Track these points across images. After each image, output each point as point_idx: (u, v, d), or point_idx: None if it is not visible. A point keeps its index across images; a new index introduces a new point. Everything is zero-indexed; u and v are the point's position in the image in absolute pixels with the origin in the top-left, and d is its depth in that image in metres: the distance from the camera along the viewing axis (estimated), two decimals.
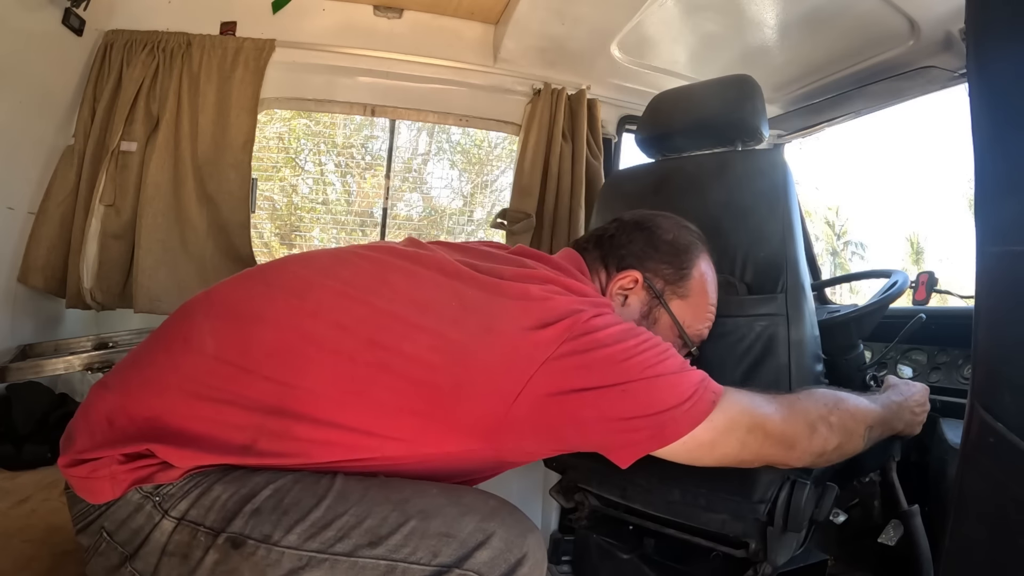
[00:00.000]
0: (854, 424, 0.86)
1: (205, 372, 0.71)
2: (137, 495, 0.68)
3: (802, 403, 0.84)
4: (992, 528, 0.42)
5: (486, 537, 0.67)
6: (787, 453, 0.81)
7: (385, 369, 0.69)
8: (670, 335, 0.93)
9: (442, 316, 0.72)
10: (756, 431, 0.77)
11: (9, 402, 1.37)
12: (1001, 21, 0.40)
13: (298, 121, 6.11)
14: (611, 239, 0.96)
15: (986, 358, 0.43)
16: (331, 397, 0.69)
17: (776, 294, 1.03)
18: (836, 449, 0.83)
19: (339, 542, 0.65)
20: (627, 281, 0.92)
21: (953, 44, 1.37)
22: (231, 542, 0.65)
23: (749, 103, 1.17)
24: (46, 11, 1.47)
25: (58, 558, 0.94)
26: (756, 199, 1.10)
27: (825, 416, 0.83)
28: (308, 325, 0.72)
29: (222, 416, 0.69)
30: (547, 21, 1.65)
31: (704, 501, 1.03)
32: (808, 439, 0.80)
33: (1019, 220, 0.39)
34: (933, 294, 1.55)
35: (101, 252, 1.60)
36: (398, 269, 0.78)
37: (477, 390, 0.69)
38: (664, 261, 0.94)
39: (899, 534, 1.31)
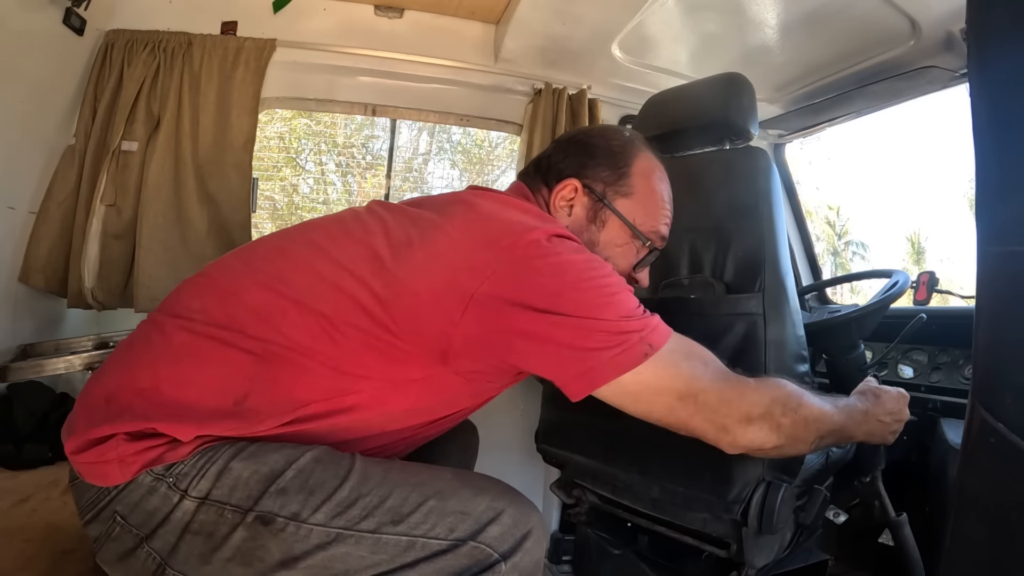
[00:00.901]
0: (804, 431, 0.83)
1: (194, 341, 0.75)
2: (149, 477, 0.70)
3: (756, 393, 0.80)
4: (993, 528, 0.42)
5: (497, 514, 0.73)
6: (717, 435, 0.79)
7: (352, 311, 0.75)
8: (624, 235, 0.94)
9: (395, 255, 0.77)
10: (688, 400, 0.76)
11: (10, 402, 1.37)
12: (1002, 21, 0.40)
13: (299, 121, 6.11)
14: (548, 159, 0.98)
15: (987, 358, 0.43)
16: (310, 346, 0.74)
17: (754, 293, 1.03)
18: (775, 449, 0.81)
19: (364, 520, 0.70)
20: (567, 191, 0.93)
21: (954, 44, 1.37)
22: (260, 519, 0.69)
23: (736, 101, 1.16)
24: (47, 11, 1.47)
25: (59, 557, 0.94)
26: (737, 197, 1.10)
27: (774, 414, 0.80)
28: (283, 287, 0.77)
29: (213, 377, 0.73)
30: (548, 21, 1.65)
31: (682, 500, 1.04)
32: (743, 429, 0.78)
33: (1020, 220, 0.39)
34: (934, 294, 1.55)
35: (102, 252, 1.60)
36: (356, 223, 0.84)
37: (427, 312, 0.74)
38: (601, 164, 0.94)
39: None
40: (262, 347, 0.74)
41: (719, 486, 0.98)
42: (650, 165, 0.97)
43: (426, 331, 0.75)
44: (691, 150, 1.25)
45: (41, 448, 1.31)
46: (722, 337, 1.02)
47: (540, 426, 1.33)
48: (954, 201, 18.61)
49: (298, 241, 0.85)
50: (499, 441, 1.92)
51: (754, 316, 1.02)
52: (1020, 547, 0.39)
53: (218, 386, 0.73)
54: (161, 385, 0.72)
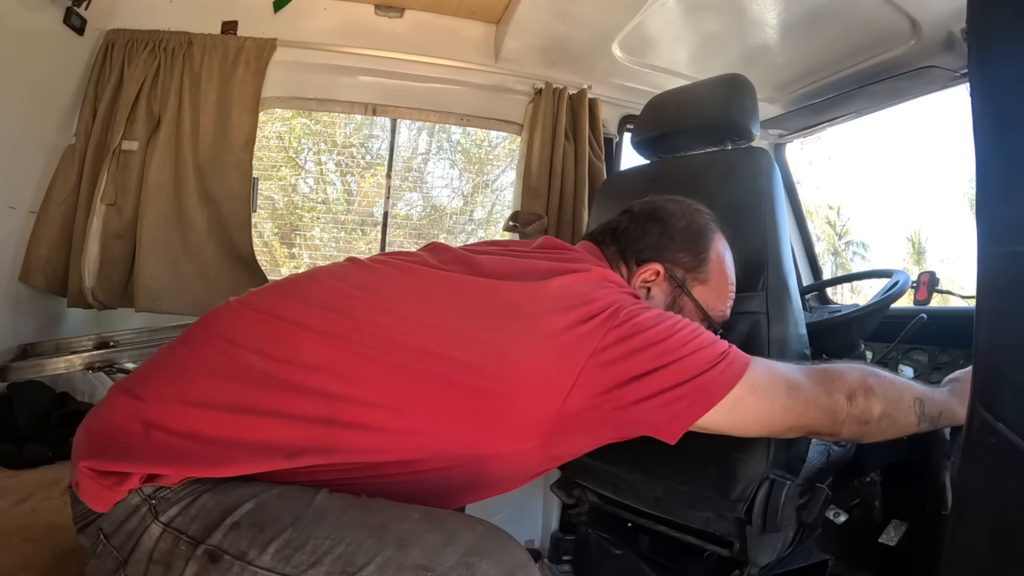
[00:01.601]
0: (898, 394, 0.83)
1: (250, 385, 0.70)
2: (137, 497, 0.67)
3: (837, 371, 0.82)
4: (993, 529, 0.42)
5: (469, 572, 0.60)
6: (832, 419, 0.79)
7: (438, 377, 0.70)
8: (695, 319, 0.93)
9: (487, 321, 0.73)
10: (795, 394, 0.77)
11: (10, 401, 1.37)
12: (1003, 21, 0.40)
13: (298, 120, 6.10)
14: (625, 232, 0.97)
15: (987, 358, 0.43)
16: (384, 405, 0.69)
17: (757, 292, 1.04)
18: (884, 417, 0.81)
19: (312, 567, 0.61)
20: (649, 274, 0.93)
21: (954, 44, 1.37)
22: (209, 555, 0.63)
23: (738, 102, 1.16)
24: (47, 10, 1.47)
25: (59, 557, 0.94)
26: (739, 197, 1.10)
27: (861, 380, 0.81)
28: (354, 338, 0.72)
29: (268, 430, 0.68)
30: (548, 21, 1.64)
31: (686, 498, 1.03)
32: (851, 404, 0.78)
33: (1021, 220, 0.39)
34: (934, 294, 1.55)
35: (102, 251, 1.60)
36: (432, 278, 0.80)
37: (529, 393, 0.70)
38: (681, 249, 0.94)
39: (900, 534, 1.31)
40: (327, 405, 0.68)
41: (723, 484, 0.98)
42: (723, 248, 0.98)
43: (532, 408, 0.71)
44: (692, 150, 1.25)
45: (41, 448, 1.31)
46: (728, 335, 1.00)
47: None
48: (954, 201, 18.62)
49: (377, 293, 0.78)
50: None
51: (757, 315, 1.03)
52: (1020, 547, 0.39)
53: (275, 441, 0.68)
54: (208, 429, 0.67)
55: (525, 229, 1.83)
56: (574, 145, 1.87)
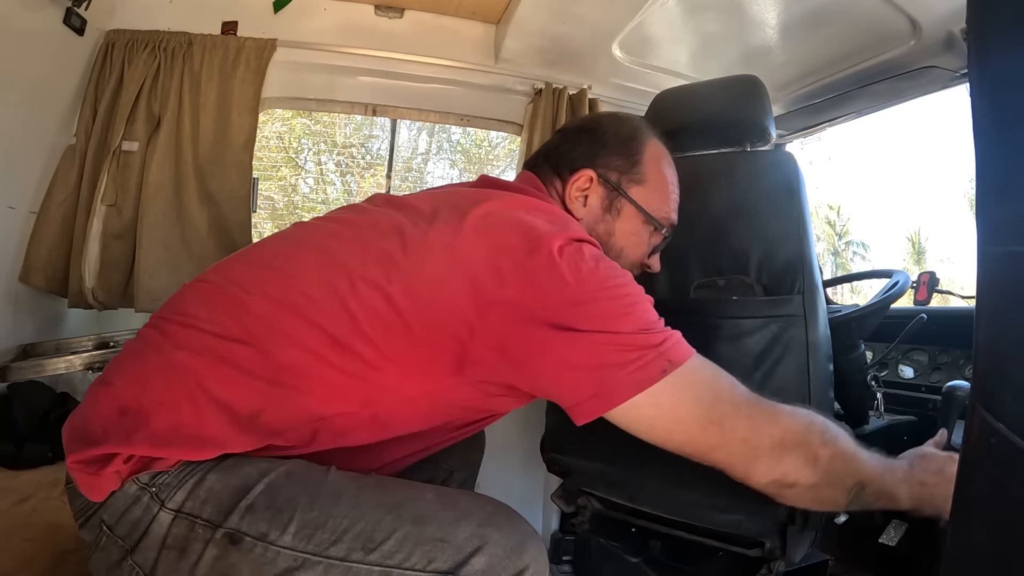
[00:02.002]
0: (843, 470, 0.73)
1: (205, 354, 0.72)
2: (134, 486, 0.68)
3: (791, 418, 0.73)
4: (993, 530, 0.42)
5: (482, 543, 0.64)
6: (746, 467, 0.71)
7: (367, 319, 0.71)
8: (637, 223, 0.93)
9: (411, 258, 0.73)
10: (711, 428, 0.70)
11: (10, 401, 1.37)
12: (1003, 21, 0.40)
13: (298, 120, 6.11)
14: (558, 149, 0.95)
15: (987, 358, 0.43)
16: (324, 357, 0.71)
17: (793, 295, 1.04)
18: (810, 489, 0.72)
19: (333, 545, 0.64)
20: (582, 181, 0.91)
21: (954, 44, 1.37)
22: (229, 538, 0.65)
23: (758, 103, 1.17)
24: (47, 11, 1.47)
25: (59, 557, 0.94)
26: (769, 200, 1.10)
27: (812, 443, 0.72)
28: (294, 297, 0.73)
29: (227, 393, 0.69)
30: (548, 21, 1.65)
31: (723, 502, 1.02)
32: (776, 460, 0.70)
33: (1021, 220, 0.39)
34: (934, 294, 1.55)
35: (102, 252, 1.60)
36: (366, 223, 0.80)
37: (446, 318, 0.70)
38: (614, 153, 0.92)
39: (900, 534, 1.31)
40: (273, 361, 0.70)
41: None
42: (659, 151, 0.96)
43: (444, 338, 0.70)
44: (707, 149, 1.23)
45: (41, 448, 1.30)
46: (764, 339, 1.02)
47: (547, 434, 1.26)
48: (954, 201, 18.62)
49: (306, 245, 0.80)
50: (501, 442, 1.92)
51: (795, 318, 1.03)
52: (1021, 548, 0.39)
53: (232, 402, 0.70)
54: (178, 402, 0.69)
55: None
56: None
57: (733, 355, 1.02)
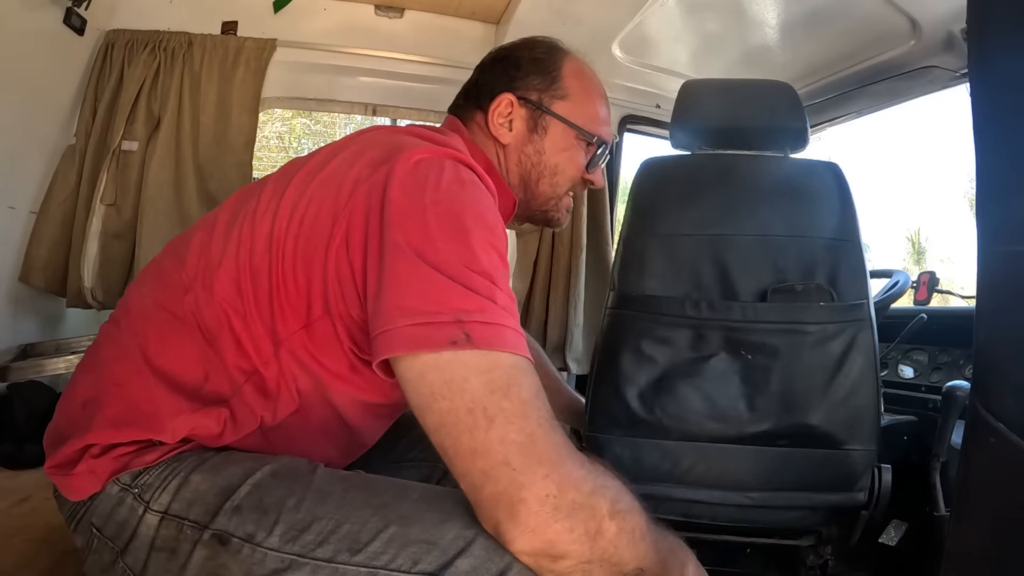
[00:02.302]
0: (629, 551, 0.60)
1: (148, 327, 0.73)
2: (116, 487, 0.69)
3: (584, 469, 0.59)
4: (993, 529, 0.42)
5: (467, 544, 0.61)
6: (507, 510, 0.56)
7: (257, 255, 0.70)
8: (569, 137, 0.91)
9: (294, 188, 0.72)
10: (478, 415, 0.57)
11: (10, 401, 1.37)
12: (1003, 21, 0.40)
13: (298, 120, 6.12)
14: (476, 84, 0.94)
15: (987, 358, 0.43)
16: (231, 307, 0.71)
17: (863, 300, 1.09)
18: (580, 566, 0.58)
19: (319, 547, 0.63)
20: (503, 107, 0.89)
21: (954, 44, 1.37)
22: (217, 538, 0.65)
23: (799, 110, 1.20)
24: (47, 10, 1.47)
25: (59, 557, 0.94)
26: (833, 208, 1.14)
27: (599, 509, 0.58)
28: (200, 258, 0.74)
29: (174, 364, 0.71)
30: (548, 21, 1.65)
31: (783, 500, 1.08)
32: (549, 519, 0.56)
33: (1021, 220, 0.39)
34: (934, 294, 1.55)
35: (102, 251, 1.60)
36: (263, 180, 0.80)
37: (314, 242, 0.68)
38: (531, 73, 0.90)
39: (900, 534, 1.31)
40: (204, 321, 0.71)
41: (848, 480, 1.07)
42: (579, 65, 0.93)
43: (313, 264, 0.68)
44: (741, 149, 1.23)
45: (41, 448, 1.30)
46: (843, 343, 1.07)
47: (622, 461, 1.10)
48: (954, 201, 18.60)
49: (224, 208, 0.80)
50: None
51: (865, 322, 1.08)
52: (1021, 547, 0.39)
53: (176, 372, 0.71)
54: (129, 379, 0.71)
55: (521, 226, 1.84)
56: None
57: (820, 359, 1.06)
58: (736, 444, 1.07)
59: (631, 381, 1.07)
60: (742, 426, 1.07)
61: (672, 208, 1.13)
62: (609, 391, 1.08)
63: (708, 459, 1.08)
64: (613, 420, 1.07)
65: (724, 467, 1.08)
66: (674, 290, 1.08)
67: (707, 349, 1.07)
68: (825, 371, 1.06)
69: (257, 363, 0.71)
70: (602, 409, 1.09)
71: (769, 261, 1.11)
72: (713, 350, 1.07)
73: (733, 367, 1.06)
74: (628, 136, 2.11)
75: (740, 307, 1.07)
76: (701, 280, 1.10)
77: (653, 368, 1.07)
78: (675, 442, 1.07)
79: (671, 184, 1.18)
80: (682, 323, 1.07)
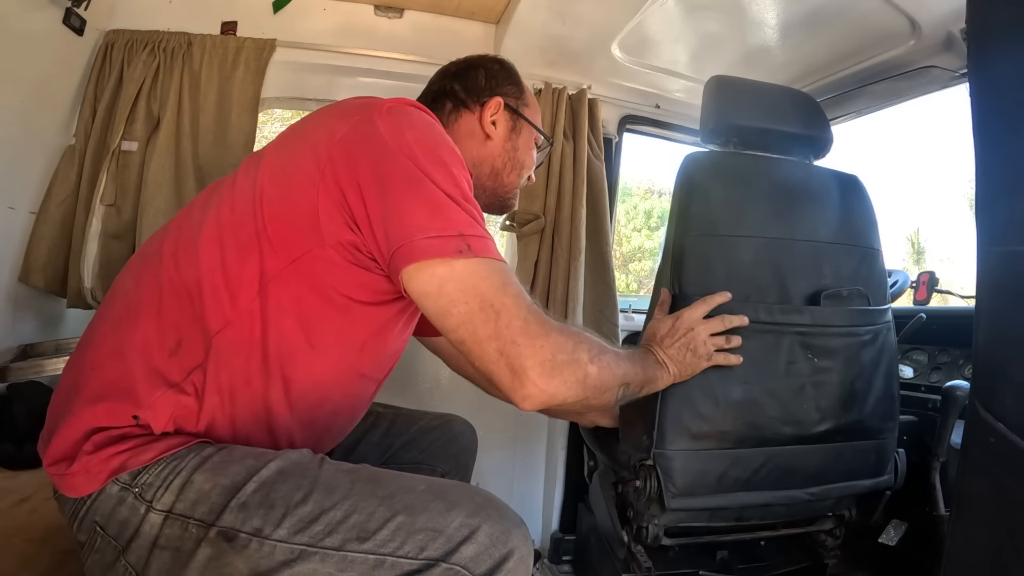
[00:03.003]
0: (611, 379, 0.80)
1: (125, 311, 0.78)
2: (116, 487, 0.70)
3: (563, 335, 0.75)
4: (993, 528, 0.42)
5: (472, 532, 0.68)
6: (512, 380, 0.72)
7: (240, 213, 0.77)
8: (529, 139, 1.07)
9: (273, 151, 0.83)
10: (489, 314, 0.71)
11: (10, 401, 1.37)
12: (1002, 21, 0.40)
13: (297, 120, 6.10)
14: (452, 89, 1.05)
15: (987, 358, 0.43)
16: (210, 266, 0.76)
17: (888, 305, 1.17)
18: (579, 403, 0.77)
19: (328, 536, 0.67)
20: (494, 108, 1.03)
21: (954, 44, 1.37)
22: (223, 535, 0.67)
23: (825, 120, 1.26)
24: (47, 11, 1.47)
25: (59, 557, 0.94)
26: (864, 217, 1.20)
27: (581, 361, 0.75)
28: (178, 233, 0.82)
29: (145, 332, 0.75)
30: (548, 21, 1.64)
31: (837, 491, 1.13)
32: (546, 379, 0.72)
33: (1020, 220, 0.39)
34: (934, 294, 1.55)
35: (102, 252, 1.60)
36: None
37: (298, 189, 0.75)
38: (506, 83, 1.06)
39: (900, 534, 1.31)
40: (180, 287, 0.76)
41: (879, 468, 1.16)
42: (525, 82, 1.10)
43: (300, 208, 0.75)
44: (768, 152, 1.24)
45: None
46: (878, 344, 1.14)
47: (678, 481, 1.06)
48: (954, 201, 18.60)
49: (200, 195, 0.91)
50: (501, 443, 1.92)
51: (889, 324, 1.17)
52: (1020, 546, 0.39)
53: (149, 343, 0.74)
54: (106, 361, 0.75)
55: (522, 228, 1.83)
56: (573, 145, 1.86)
57: (870, 358, 1.13)
58: (802, 444, 1.09)
59: (707, 391, 1.03)
60: (810, 427, 1.09)
61: (729, 209, 1.11)
62: (683, 402, 1.03)
63: (777, 461, 1.09)
64: (687, 432, 1.04)
65: (791, 468, 1.10)
66: (735, 292, 1.06)
67: (783, 355, 1.07)
68: (872, 369, 1.13)
69: (232, 314, 0.75)
70: (675, 422, 1.04)
71: (817, 266, 1.13)
72: (788, 355, 1.08)
73: (805, 371, 1.08)
74: (629, 136, 2.11)
75: (810, 312, 1.09)
76: (759, 283, 1.09)
77: (731, 376, 1.04)
78: (749, 449, 1.07)
79: (725, 183, 1.14)
80: (757, 328, 1.05)
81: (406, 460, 1.12)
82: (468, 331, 0.71)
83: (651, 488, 1.05)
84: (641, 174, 9.91)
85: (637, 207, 10.01)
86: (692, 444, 1.05)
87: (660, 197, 9.68)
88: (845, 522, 1.22)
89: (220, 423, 0.76)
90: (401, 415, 1.17)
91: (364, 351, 0.84)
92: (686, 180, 1.14)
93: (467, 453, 1.19)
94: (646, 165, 11.47)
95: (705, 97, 1.24)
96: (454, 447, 1.15)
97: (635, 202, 9.96)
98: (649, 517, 1.11)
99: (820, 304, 1.09)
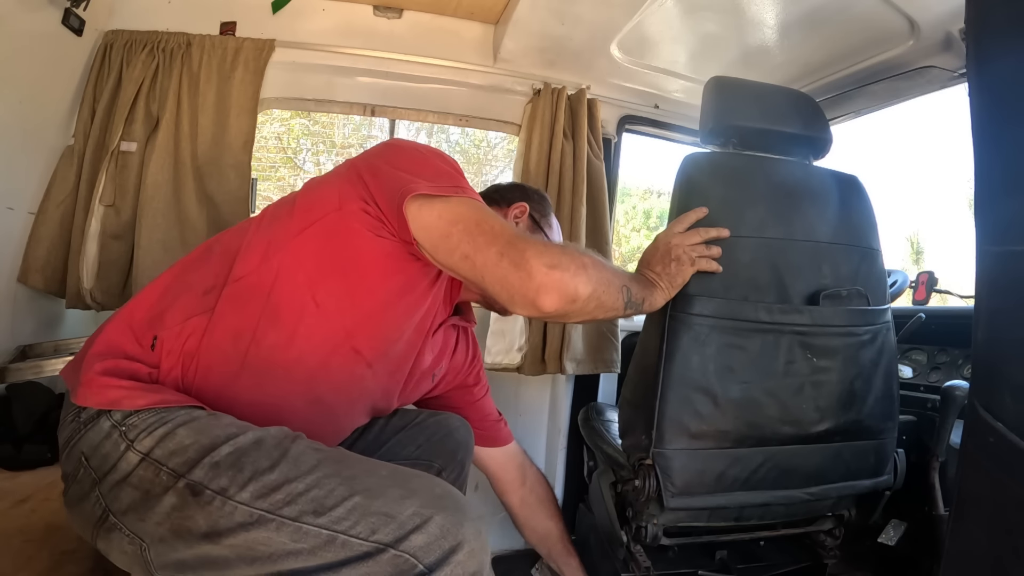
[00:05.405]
0: (612, 276, 0.89)
1: (142, 290, 0.94)
2: (108, 422, 0.76)
3: (546, 245, 0.87)
4: (992, 528, 0.42)
5: (423, 521, 0.69)
6: (529, 280, 0.80)
7: (278, 219, 0.93)
8: None
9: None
10: (485, 226, 0.83)
11: (9, 402, 1.37)
12: (1001, 21, 0.40)
13: (297, 121, 6.11)
14: (496, 191, 1.25)
15: (986, 358, 0.43)
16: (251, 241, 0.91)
17: (887, 305, 1.18)
18: (592, 298, 0.85)
19: (287, 506, 0.69)
20: (519, 211, 1.19)
21: (953, 44, 1.37)
22: (190, 489, 0.71)
23: (825, 121, 1.26)
24: (46, 11, 1.47)
25: (58, 557, 0.94)
26: (863, 217, 1.20)
27: (576, 253, 0.86)
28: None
29: (153, 289, 0.91)
30: (547, 21, 1.64)
31: (820, 492, 1.13)
32: (547, 274, 0.81)
33: (1019, 220, 0.39)
34: (933, 294, 1.55)
35: (101, 252, 1.60)
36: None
37: (327, 183, 0.93)
38: (535, 203, 1.23)
39: (899, 534, 1.32)
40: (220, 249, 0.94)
41: (879, 468, 1.17)
42: (555, 218, 1.28)
43: (326, 192, 0.91)
44: (769, 153, 1.24)
45: (40, 448, 1.30)
46: (878, 344, 1.15)
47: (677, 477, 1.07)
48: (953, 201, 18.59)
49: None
50: None
51: (888, 323, 1.17)
52: (1019, 546, 0.39)
53: (196, 281, 0.90)
54: (139, 303, 0.89)
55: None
56: (572, 145, 1.86)
57: (869, 358, 1.13)
58: (801, 444, 1.10)
59: (707, 390, 1.04)
60: (809, 427, 1.09)
61: (729, 209, 1.10)
62: (682, 401, 1.04)
63: (776, 461, 1.09)
64: (686, 432, 1.04)
65: (790, 467, 1.10)
66: (734, 292, 1.06)
67: (782, 354, 1.07)
68: (871, 369, 1.13)
69: (253, 267, 0.87)
70: (675, 422, 1.04)
71: (817, 266, 1.13)
72: (787, 355, 1.08)
73: (804, 370, 1.08)
74: (628, 136, 2.11)
75: (809, 312, 1.09)
76: (758, 283, 1.09)
77: (731, 376, 1.05)
78: (748, 449, 1.07)
79: (724, 184, 1.14)
80: (756, 328, 1.06)
81: (402, 456, 1.12)
82: (469, 244, 0.82)
83: (650, 487, 1.05)
84: (640, 174, 9.91)
85: (636, 207, 10.02)
86: (691, 443, 1.05)
87: (659, 197, 9.69)
88: (844, 522, 1.22)
89: (217, 370, 0.84)
90: (397, 412, 1.18)
91: (364, 322, 0.90)
92: (685, 181, 1.14)
93: (463, 449, 1.19)
94: (645, 165, 11.46)
95: (705, 98, 1.24)
96: (450, 443, 1.16)
97: (634, 202, 9.97)
98: (648, 516, 1.12)
99: (819, 304, 1.09)
